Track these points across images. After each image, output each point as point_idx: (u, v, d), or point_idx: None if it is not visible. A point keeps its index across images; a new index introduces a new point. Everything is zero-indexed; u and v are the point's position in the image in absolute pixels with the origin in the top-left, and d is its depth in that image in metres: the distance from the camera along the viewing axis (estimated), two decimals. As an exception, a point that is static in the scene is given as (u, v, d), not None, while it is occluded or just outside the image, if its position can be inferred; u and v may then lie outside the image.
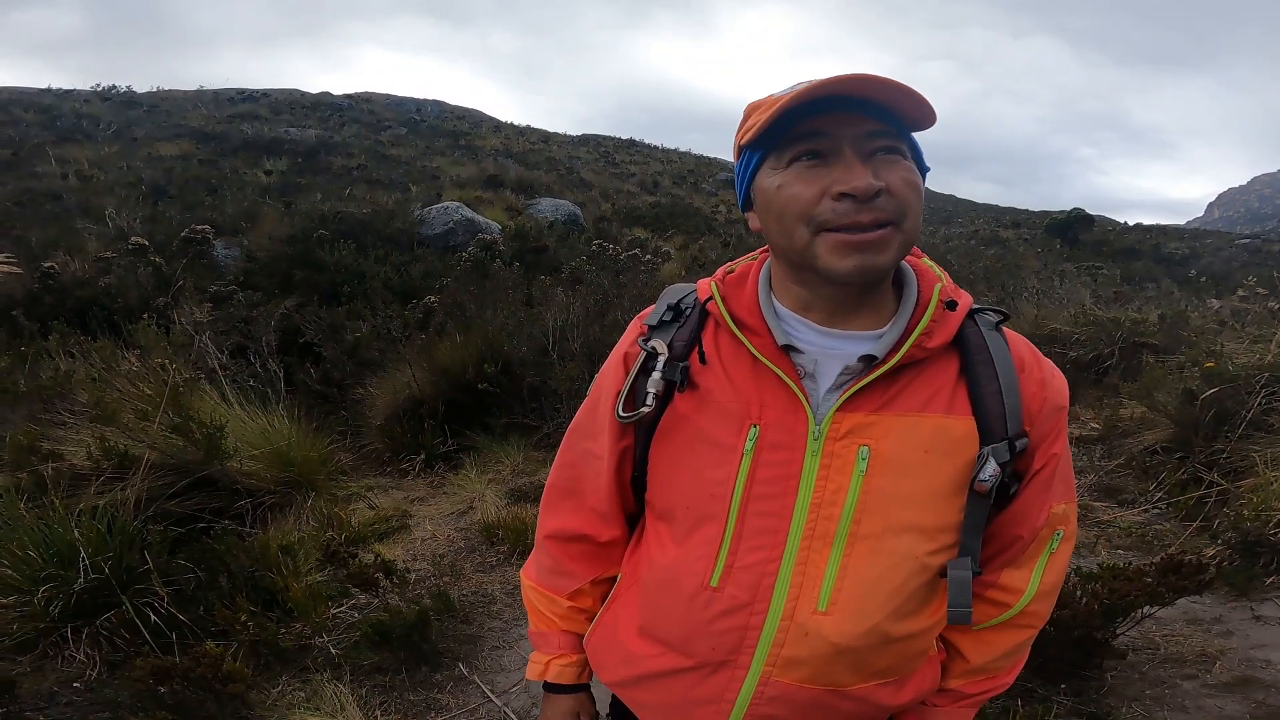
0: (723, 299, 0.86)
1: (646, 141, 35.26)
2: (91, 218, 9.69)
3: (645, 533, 0.95)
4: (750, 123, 0.79)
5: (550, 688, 1.05)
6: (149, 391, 3.48)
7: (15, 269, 6.31)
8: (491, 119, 33.37)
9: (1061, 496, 0.88)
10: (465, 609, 2.85)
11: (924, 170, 0.80)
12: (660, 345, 0.87)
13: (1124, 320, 5.60)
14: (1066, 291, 8.02)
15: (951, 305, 0.83)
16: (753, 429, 0.82)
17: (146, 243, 7.40)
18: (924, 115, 0.75)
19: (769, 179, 0.79)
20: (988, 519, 0.84)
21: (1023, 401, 0.82)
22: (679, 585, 0.86)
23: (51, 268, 6.53)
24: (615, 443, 0.92)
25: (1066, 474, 0.89)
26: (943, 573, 0.83)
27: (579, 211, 13.54)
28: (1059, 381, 0.86)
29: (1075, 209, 19.38)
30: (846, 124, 0.74)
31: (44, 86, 24.75)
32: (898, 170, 0.75)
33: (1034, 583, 0.89)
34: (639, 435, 0.90)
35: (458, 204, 10.87)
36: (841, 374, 0.81)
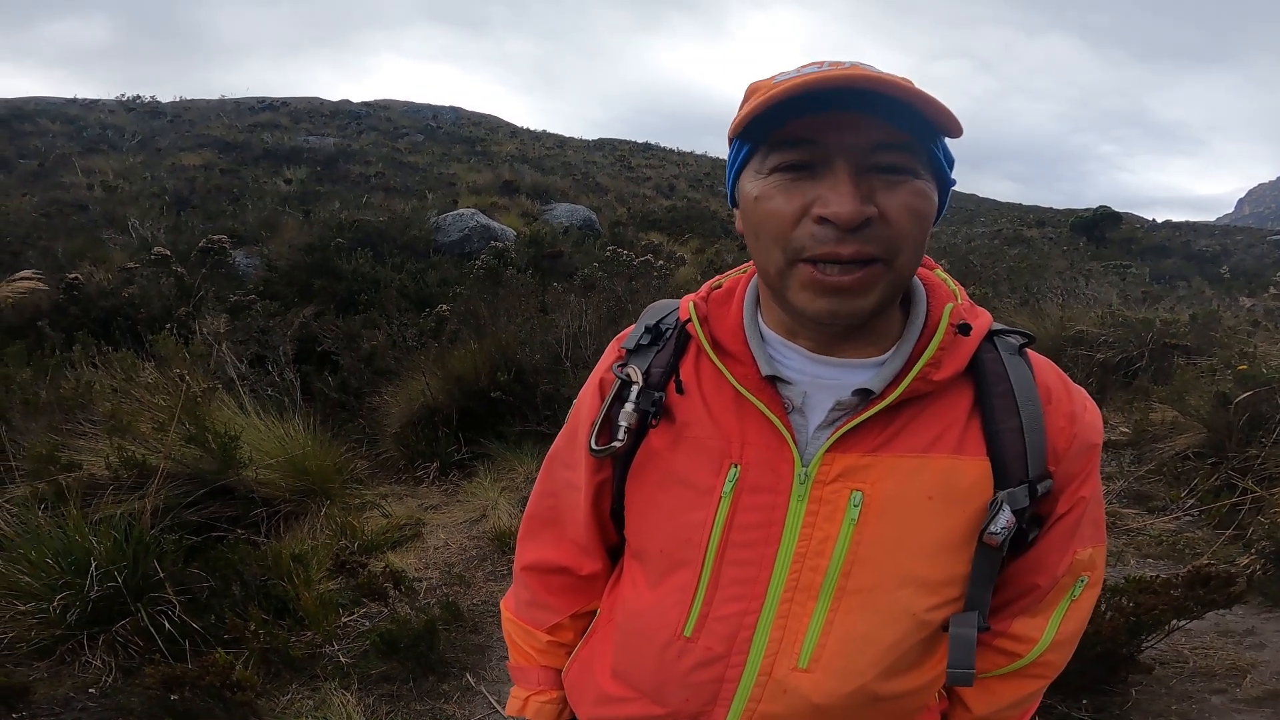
0: (704, 320, 0.77)
1: (663, 145, 35.28)
2: (116, 228, 9.86)
3: (623, 571, 0.89)
4: (742, 110, 0.68)
5: None
6: (166, 402, 3.52)
7: (38, 284, 6.43)
8: (508, 124, 33.60)
9: (1089, 541, 0.78)
10: (475, 618, 2.84)
11: (948, 184, 0.70)
12: (635, 372, 0.78)
13: (1154, 321, 5.45)
14: (1093, 291, 7.86)
15: (965, 329, 0.72)
16: (733, 469, 0.74)
17: (169, 253, 7.52)
18: (945, 121, 0.62)
19: (750, 183, 0.68)
20: (1001, 567, 0.75)
21: (1048, 439, 0.72)
22: (652, 633, 0.79)
23: (76, 278, 6.66)
24: (592, 474, 0.85)
25: (1096, 516, 0.78)
26: (945, 627, 0.74)
27: (594, 216, 13.55)
28: (1091, 415, 0.75)
29: (1101, 206, 19.03)
30: (844, 130, 0.62)
31: (70, 97, 25.31)
32: (900, 194, 0.64)
33: (1049, 632, 0.79)
34: (616, 468, 0.83)
35: (473, 210, 10.93)
36: (834, 409, 0.72)
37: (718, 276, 0.85)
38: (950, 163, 0.71)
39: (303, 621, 2.64)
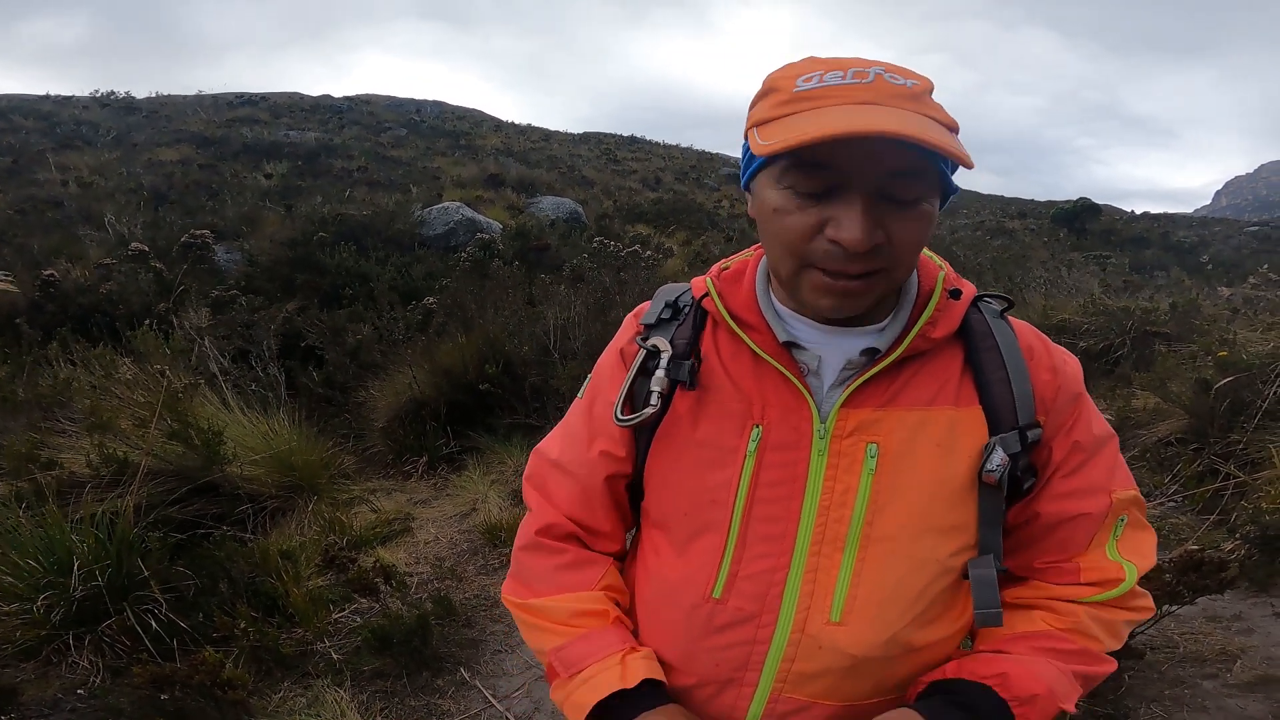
0: (720, 295, 0.82)
1: (649, 138, 35.18)
2: (93, 224, 9.69)
3: (641, 544, 0.89)
4: (765, 114, 0.69)
5: (638, 698, 0.77)
6: (146, 398, 3.46)
7: (10, 286, 6.29)
8: (492, 118, 33.34)
9: (1123, 483, 0.80)
10: (467, 613, 2.82)
11: (951, 192, 0.74)
12: (662, 343, 0.83)
13: (1134, 309, 5.52)
14: (1075, 281, 7.94)
15: (955, 294, 0.79)
16: (755, 429, 0.78)
17: (147, 249, 7.38)
18: (960, 159, 0.65)
19: (768, 191, 0.72)
20: (1005, 511, 0.79)
21: (1035, 390, 0.78)
22: (678, 598, 0.80)
23: (52, 276, 6.53)
24: (613, 444, 0.86)
25: (1110, 459, 0.81)
26: (965, 574, 0.77)
27: (581, 209, 13.49)
28: (1071, 368, 0.82)
29: (1082, 199, 19.25)
30: (864, 158, 0.65)
31: (43, 93, 24.80)
32: (906, 222, 0.68)
33: (1127, 565, 0.78)
34: (639, 439, 0.85)
35: (458, 204, 10.84)
36: (844, 369, 0.78)
37: (724, 260, 0.88)
38: (953, 171, 0.74)
39: (293, 618, 2.61)
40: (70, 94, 25.20)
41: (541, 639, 0.83)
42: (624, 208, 14.75)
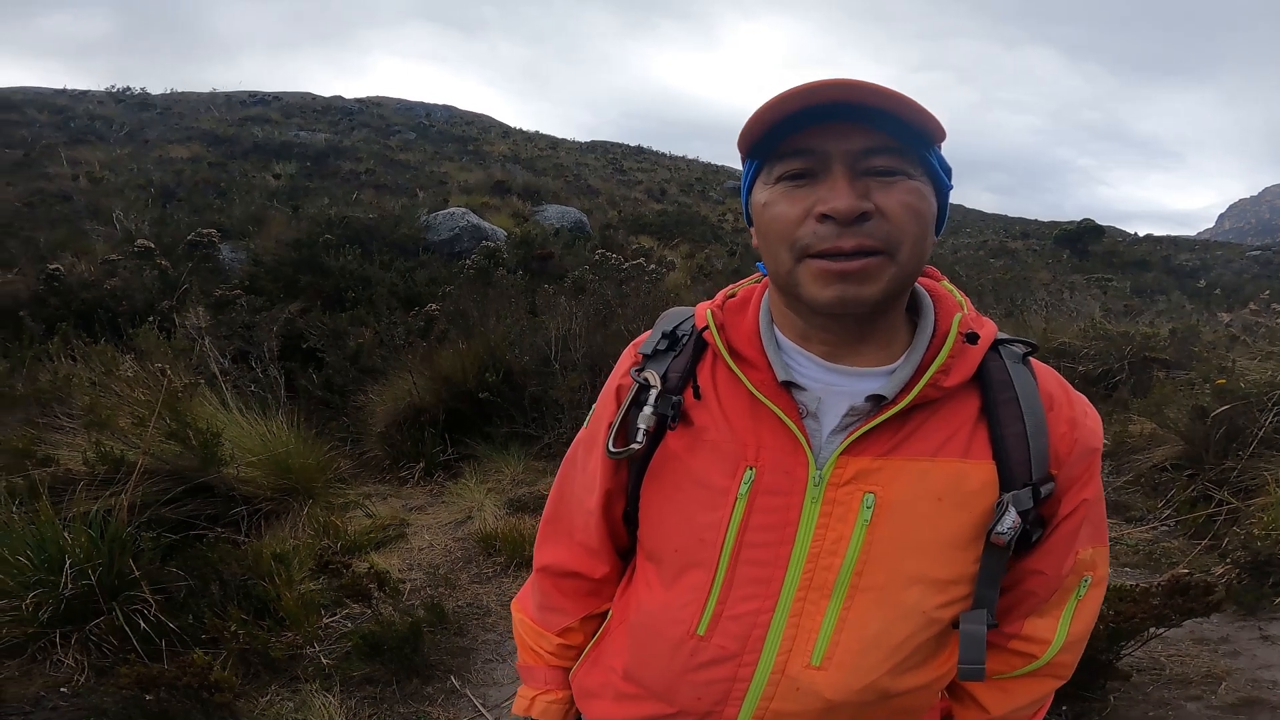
0: (720, 328, 0.80)
1: (654, 149, 35.30)
2: (100, 219, 9.73)
3: (635, 573, 0.90)
4: (741, 130, 0.72)
5: None
6: (146, 396, 3.47)
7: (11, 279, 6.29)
8: (500, 124, 33.49)
9: (1090, 540, 0.81)
10: (459, 620, 2.82)
11: (946, 188, 0.73)
12: (653, 376, 0.81)
13: (1134, 335, 5.53)
14: (1076, 304, 7.96)
15: (973, 338, 0.76)
16: (748, 471, 0.76)
17: (153, 245, 7.42)
18: (929, 126, 0.67)
19: (760, 194, 0.73)
20: (1006, 567, 0.78)
21: (1050, 443, 0.75)
22: (664, 631, 0.81)
23: (57, 270, 6.56)
24: (607, 478, 0.87)
25: (1098, 517, 0.81)
26: (955, 624, 0.76)
27: (585, 219, 13.54)
28: (1092, 421, 0.79)
29: (1085, 220, 19.29)
30: (838, 138, 0.67)
31: (59, 87, 24.92)
32: (895, 192, 0.68)
33: (1061, 633, 0.82)
34: (631, 471, 0.85)
35: (464, 210, 10.89)
36: (847, 414, 0.75)
37: (731, 285, 0.87)
38: (947, 170, 0.74)
39: (283, 622, 2.60)
40: (86, 88, 25.33)
41: (519, 649, 1.02)
42: (629, 218, 14.80)
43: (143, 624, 2.39)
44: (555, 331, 4.82)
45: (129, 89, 25.68)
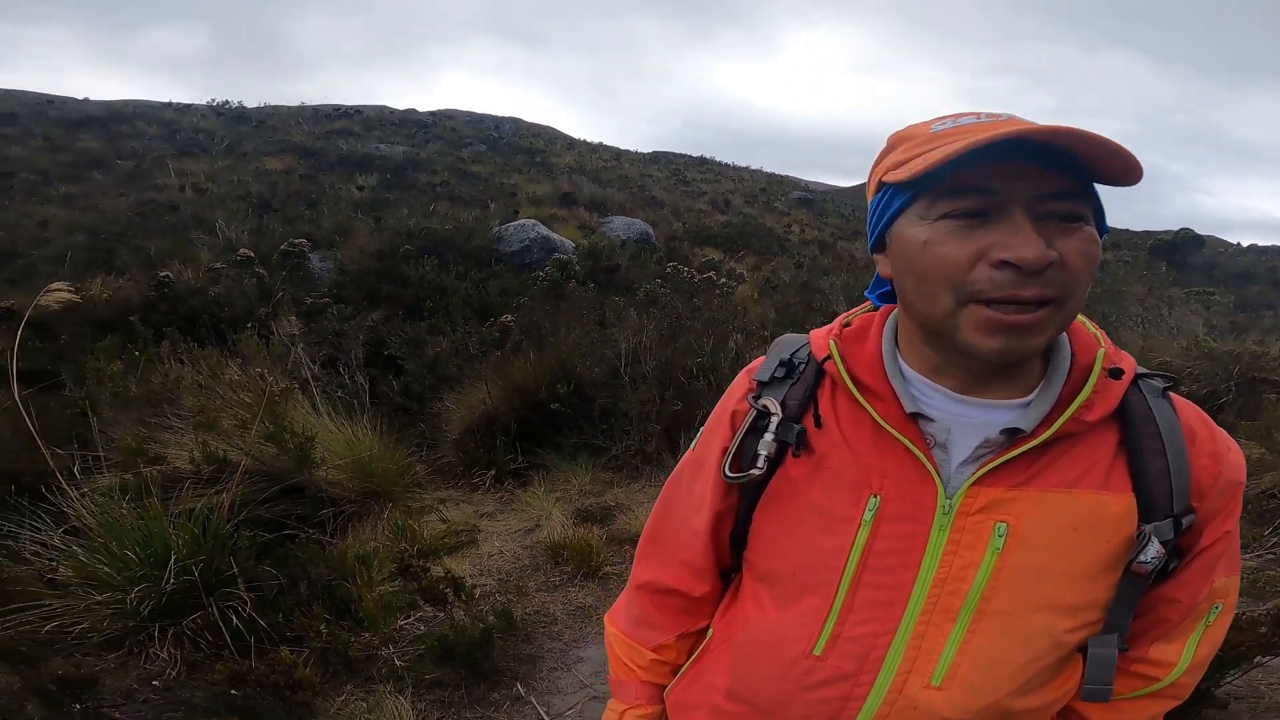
0: (842, 357, 0.79)
1: (717, 159, 35.08)
2: (204, 229, 10.41)
3: (742, 592, 0.90)
4: (900, 158, 0.69)
5: None
6: (248, 400, 3.68)
7: (74, 296, 6.76)
8: (565, 136, 34.02)
9: (1225, 570, 0.79)
10: (527, 628, 2.86)
11: (1103, 231, 0.70)
12: (772, 404, 0.81)
13: (1242, 353, 5.14)
14: (1176, 320, 7.46)
15: (1116, 373, 0.74)
16: (872, 499, 0.76)
17: (252, 254, 7.91)
18: (1129, 172, 0.63)
19: (913, 229, 0.69)
20: (1142, 595, 0.77)
21: (1192, 476, 0.74)
22: (778, 651, 0.81)
23: (167, 276, 7.07)
24: (718, 500, 0.88)
25: (1235, 547, 0.80)
26: (1081, 648, 0.76)
27: (651, 230, 13.59)
28: (1236, 456, 0.77)
29: (1183, 229, 18.08)
30: (1022, 178, 0.64)
31: (166, 100, 26.74)
32: (1075, 240, 0.64)
33: (1186, 657, 0.81)
34: (744, 495, 0.86)
35: (534, 221, 11.11)
36: (980, 446, 0.73)
37: (844, 314, 0.87)
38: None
39: (362, 622, 2.70)
40: (189, 102, 27.13)
41: (610, 663, 1.03)
42: (693, 230, 14.77)
43: (235, 620, 2.49)
44: (625, 344, 4.86)
45: (227, 103, 27.33)
